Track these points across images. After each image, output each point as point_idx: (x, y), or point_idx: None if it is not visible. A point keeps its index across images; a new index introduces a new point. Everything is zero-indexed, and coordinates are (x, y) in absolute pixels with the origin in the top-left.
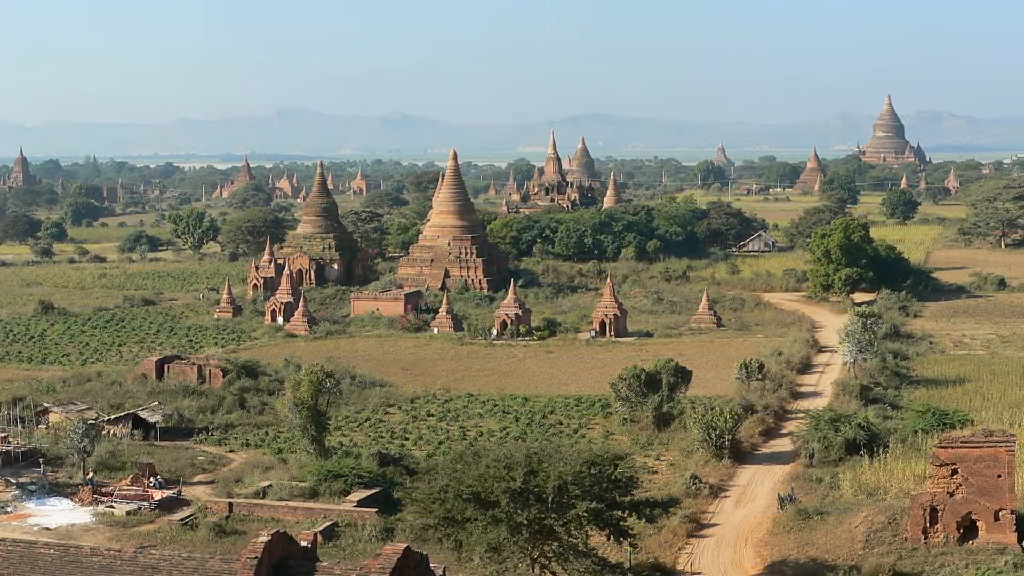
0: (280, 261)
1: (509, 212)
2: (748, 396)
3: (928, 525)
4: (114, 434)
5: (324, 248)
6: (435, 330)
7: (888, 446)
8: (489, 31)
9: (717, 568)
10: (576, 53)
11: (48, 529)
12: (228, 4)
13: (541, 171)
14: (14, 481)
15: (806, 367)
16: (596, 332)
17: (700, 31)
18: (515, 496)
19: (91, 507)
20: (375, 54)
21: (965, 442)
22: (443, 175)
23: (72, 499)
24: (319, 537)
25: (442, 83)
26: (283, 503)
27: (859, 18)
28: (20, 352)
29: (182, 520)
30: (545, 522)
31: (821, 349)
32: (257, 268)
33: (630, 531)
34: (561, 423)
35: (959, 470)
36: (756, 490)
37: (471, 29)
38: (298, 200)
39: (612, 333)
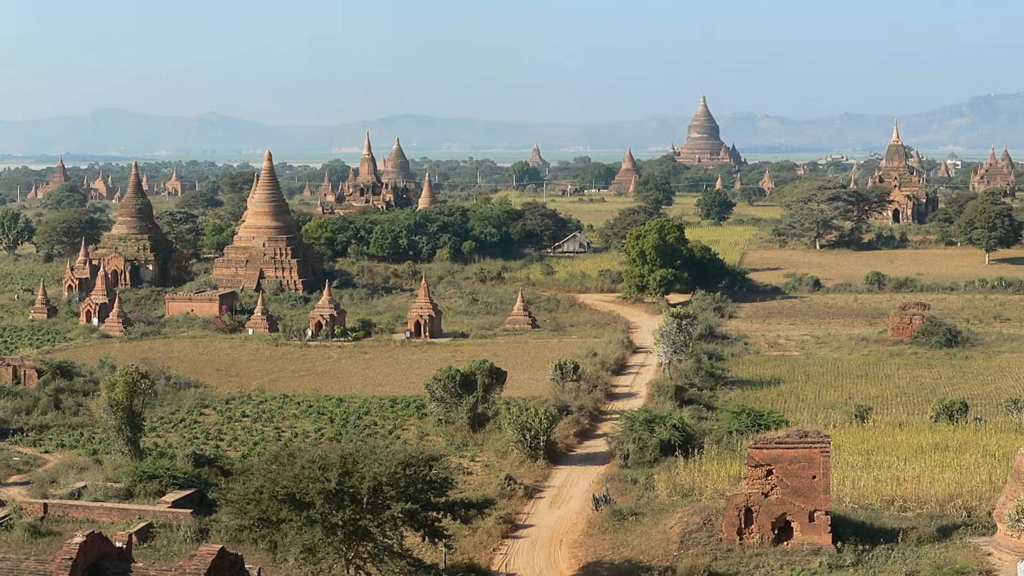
0: (95, 262)
1: (324, 213)
2: (563, 397)
3: (743, 526)
4: None
5: (139, 249)
6: (250, 331)
7: (703, 447)
8: (303, 31)
9: (532, 569)
10: (390, 54)
11: None
12: (39, 1)
13: (356, 172)
14: None
15: (621, 368)
16: (411, 333)
17: (515, 31)
18: (330, 497)
19: None
20: (188, 54)
21: (780, 443)
22: (258, 176)
23: None
24: (134, 538)
25: (256, 84)
26: (98, 504)
27: (673, 19)
28: None
29: None
30: (360, 523)
31: (636, 350)
32: (72, 269)
33: (445, 532)
34: (376, 424)
35: (774, 471)
36: (571, 491)
37: (285, 29)
38: (113, 201)
39: (427, 334)
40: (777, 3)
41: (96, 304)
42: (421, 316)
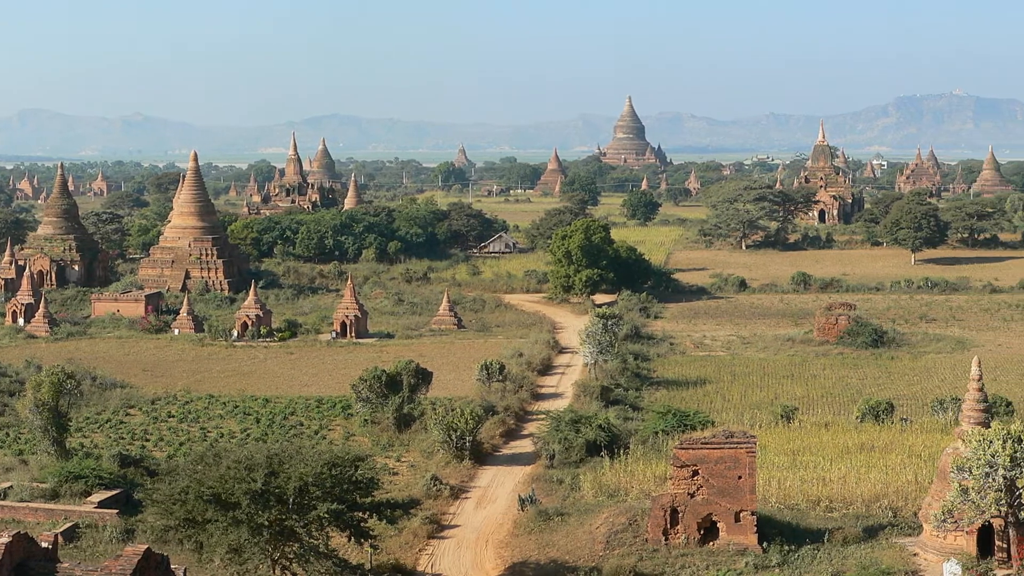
0: (21, 262)
1: (250, 213)
2: (489, 397)
3: (669, 526)
4: None
5: (65, 249)
6: (176, 331)
7: (629, 447)
8: (229, 32)
9: (458, 569)
10: (316, 54)
11: None
12: None
13: (282, 172)
14: None
15: (547, 368)
16: (337, 333)
17: (439, 31)
18: (256, 497)
19: None
20: (114, 54)
21: (706, 443)
22: (184, 176)
23: None
24: (60, 538)
25: (182, 84)
26: (24, 504)
27: (599, 19)
28: None
29: None
30: (286, 523)
31: (562, 350)
32: None
33: (371, 532)
34: (302, 424)
35: (700, 471)
36: (497, 491)
37: (210, 29)
38: (39, 201)
39: (353, 334)
40: (703, 4)
41: (22, 304)
42: (347, 316)
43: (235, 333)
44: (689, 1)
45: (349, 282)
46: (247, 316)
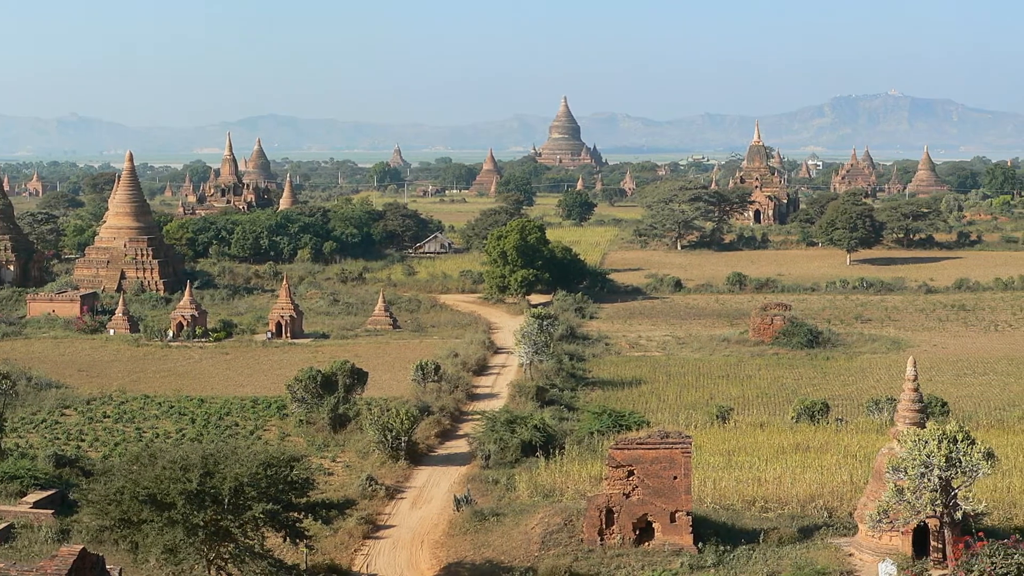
0: None
1: (185, 214)
2: (424, 397)
3: (604, 526)
4: None
5: (0, 250)
6: (111, 332)
7: (564, 447)
8: (164, 32)
9: (393, 569)
10: (252, 55)
11: None
12: None
13: (217, 173)
14: None
15: (482, 369)
16: (272, 333)
17: (374, 32)
18: (191, 497)
19: None
20: (49, 55)
21: (641, 443)
22: (119, 177)
23: None
24: None
25: (118, 85)
26: None
27: (534, 19)
28: None
29: None
30: (221, 523)
31: (497, 351)
32: None
33: (306, 533)
34: (237, 424)
35: (635, 471)
36: (432, 491)
37: (146, 30)
38: None
39: (288, 335)
40: (639, 4)
41: None
42: (282, 317)
43: (170, 333)
44: (624, 2)
45: (284, 282)
46: (182, 316)
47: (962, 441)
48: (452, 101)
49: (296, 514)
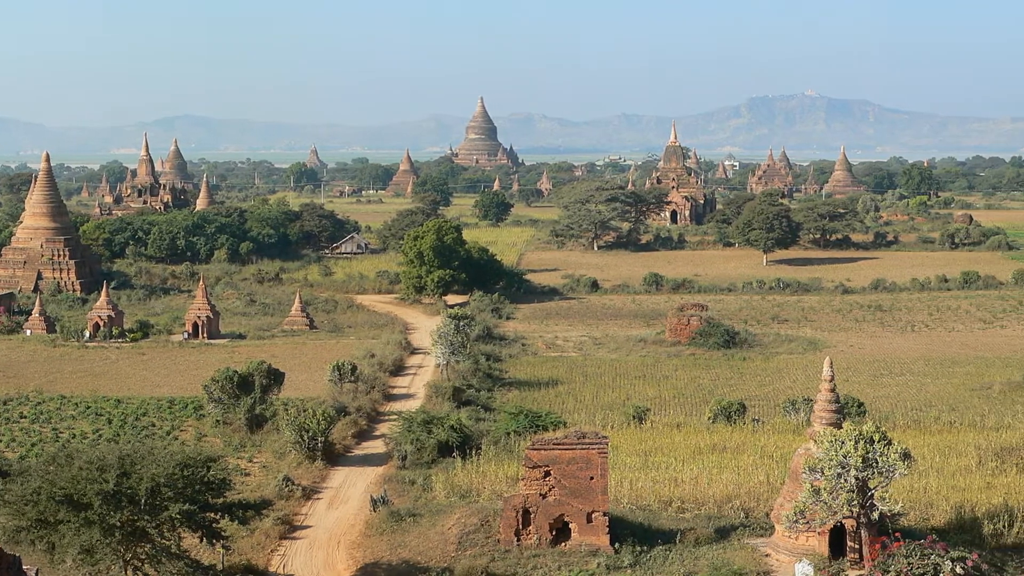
0: None
1: (102, 214)
2: (341, 398)
3: (521, 527)
4: None
5: None
6: (28, 332)
7: (481, 448)
8: (80, 32)
9: (310, 570)
10: (168, 54)
11: None
12: None
13: (134, 173)
14: None
15: (399, 369)
16: (189, 334)
17: (292, 32)
18: (108, 498)
19: None
20: None
21: (558, 444)
22: (35, 177)
23: None
24: None
25: (34, 85)
26: None
27: (451, 20)
28: None
29: None
30: (138, 524)
31: (414, 351)
32: None
33: (223, 533)
34: (154, 425)
35: (552, 472)
36: (349, 492)
37: (61, 30)
38: None
39: (205, 335)
40: (555, 5)
41: None
42: (199, 317)
43: (87, 334)
44: (541, 2)
45: (201, 283)
46: (99, 317)
47: (879, 442)
48: (369, 101)
49: (213, 514)
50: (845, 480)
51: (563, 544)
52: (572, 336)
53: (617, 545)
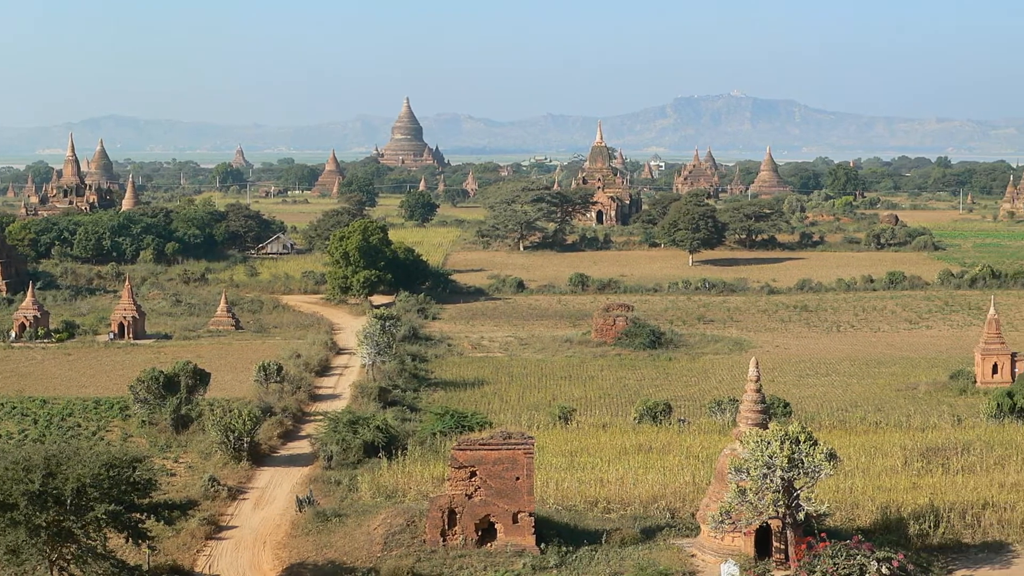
0: None
1: (27, 214)
2: (267, 398)
3: (447, 527)
4: None
5: None
6: None
7: (407, 448)
8: (3, 30)
9: (235, 570)
10: (93, 54)
11: None
12: None
13: (60, 174)
14: None
15: (325, 369)
16: (115, 334)
17: (217, 32)
18: (33, 498)
19: None
20: None
21: (483, 444)
22: None
23: None
24: None
25: None
26: None
27: (375, 19)
28: None
29: None
30: (64, 524)
31: (340, 351)
32: None
33: (148, 533)
34: (80, 425)
35: (478, 472)
36: (275, 492)
37: None
38: None
39: (131, 335)
40: (482, 5)
41: None
42: (125, 317)
43: (12, 334)
44: (466, 2)
45: (127, 283)
46: (25, 317)
47: (804, 442)
48: (294, 102)
49: (138, 515)
50: (771, 480)
51: (489, 544)
52: (498, 336)
53: (543, 545)
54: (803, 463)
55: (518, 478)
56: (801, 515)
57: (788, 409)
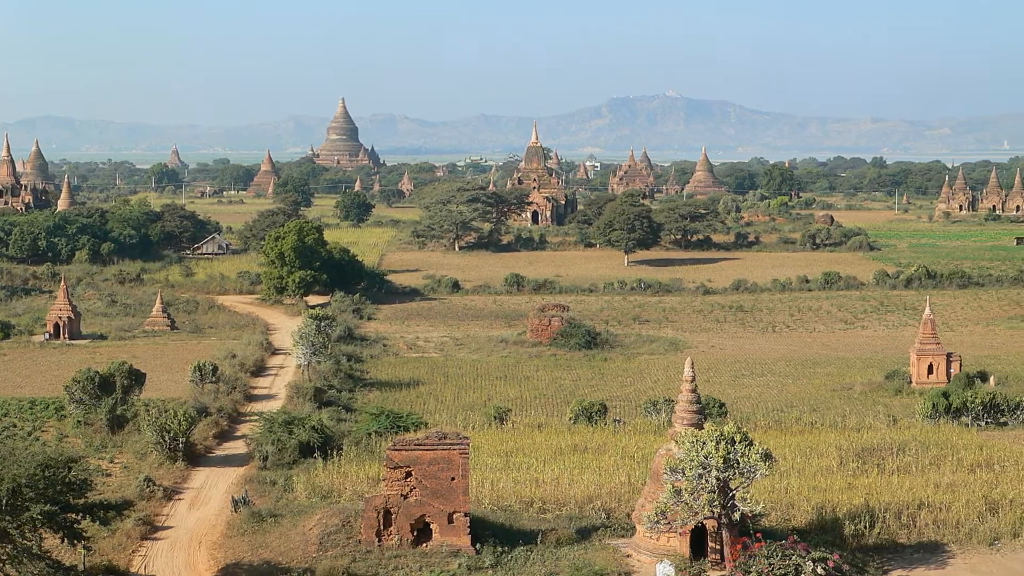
0: None
1: None
2: (202, 398)
3: (382, 527)
4: None
5: None
6: None
7: (342, 448)
8: None
9: (171, 570)
10: (27, 53)
11: None
12: None
13: None
14: None
15: (260, 370)
16: (50, 334)
17: (146, 31)
18: None
19: None
20: None
21: (419, 444)
22: None
23: None
24: None
25: None
26: None
27: (309, 19)
28: None
29: None
30: None
31: (275, 352)
32: None
33: (84, 534)
34: (15, 426)
35: (413, 472)
36: (210, 492)
37: None
38: None
39: (66, 336)
40: (415, 5)
41: None
42: (60, 318)
43: None
44: (401, 2)
45: (62, 283)
46: None
47: (740, 442)
48: (228, 102)
49: (74, 515)
50: (706, 481)
51: (424, 544)
52: (433, 337)
53: (478, 546)
54: (738, 463)
55: (453, 478)
56: (736, 515)
57: (723, 409)
